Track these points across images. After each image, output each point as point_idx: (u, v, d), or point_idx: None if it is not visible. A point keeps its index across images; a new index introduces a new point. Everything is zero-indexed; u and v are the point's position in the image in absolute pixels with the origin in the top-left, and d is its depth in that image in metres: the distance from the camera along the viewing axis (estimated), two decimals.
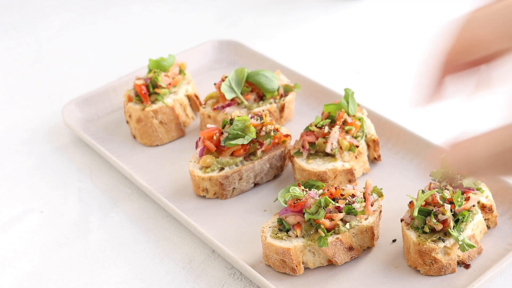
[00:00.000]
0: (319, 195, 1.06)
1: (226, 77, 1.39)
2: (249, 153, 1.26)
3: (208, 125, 1.29)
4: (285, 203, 1.12)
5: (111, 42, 1.89)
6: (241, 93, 1.39)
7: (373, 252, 1.12)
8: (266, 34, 1.86)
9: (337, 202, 1.05)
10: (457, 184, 1.09)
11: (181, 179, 1.31)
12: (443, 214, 1.05)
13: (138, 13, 2.04)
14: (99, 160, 1.40)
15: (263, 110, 1.37)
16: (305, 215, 1.03)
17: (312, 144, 1.24)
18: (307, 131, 1.26)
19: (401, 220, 1.09)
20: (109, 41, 1.90)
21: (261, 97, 1.41)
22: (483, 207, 1.11)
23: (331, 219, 1.03)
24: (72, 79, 1.72)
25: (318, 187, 1.21)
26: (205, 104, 1.43)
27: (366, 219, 1.06)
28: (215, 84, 1.41)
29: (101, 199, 1.30)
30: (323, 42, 1.82)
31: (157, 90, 1.40)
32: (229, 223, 1.20)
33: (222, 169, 1.24)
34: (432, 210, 1.06)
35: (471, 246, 1.04)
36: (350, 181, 1.23)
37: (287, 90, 1.43)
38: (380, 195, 1.11)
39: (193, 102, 1.47)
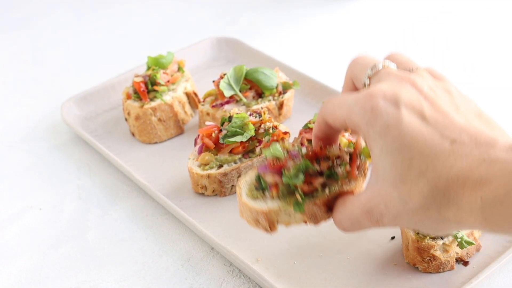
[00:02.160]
0: (302, 155, 0.96)
1: (224, 75, 1.39)
2: (248, 151, 1.26)
3: (207, 123, 1.29)
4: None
5: (110, 40, 1.89)
6: (240, 91, 1.39)
7: (371, 249, 1.12)
8: (265, 32, 1.86)
9: (320, 164, 0.95)
10: None
11: (180, 176, 1.31)
12: None
13: (136, 10, 2.04)
14: (98, 158, 1.40)
15: (261, 108, 1.37)
16: (283, 177, 0.94)
17: (310, 141, 1.24)
18: (306, 128, 1.26)
19: None
20: (107, 38, 1.90)
21: (259, 95, 1.41)
22: None
23: (310, 183, 0.94)
24: (70, 76, 1.72)
25: None
26: (203, 101, 1.43)
27: (348, 183, 0.95)
28: (213, 81, 1.41)
29: (100, 197, 1.30)
30: (322, 39, 1.82)
31: (155, 88, 1.40)
32: (228, 220, 1.20)
33: (220, 166, 1.25)
34: None
35: (469, 243, 1.04)
36: None
37: (286, 88, 1.43)
38: (369, 156, 1.00)
39: (192, 99, 1.47)
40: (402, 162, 0.79)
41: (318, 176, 0.94)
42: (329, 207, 0.95)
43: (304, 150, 0.97)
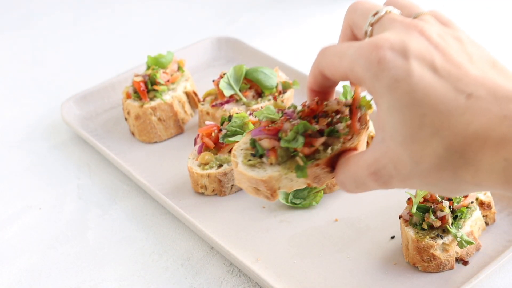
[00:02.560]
0: (298, 113, 0.87)
1: (224, 74, 1.39)
2: None
3: (207, 122, 1.29)
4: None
5: (109, 39, 1.89)
6: (240, 90, 1.39)
7: (371, 249, 1.12)
8: (264, 31, 1.86)
9: (318, 121, 0.86)
10: None
11: (180, 176, 1.31)
12: (442, 210, 1.05)
13: (136, 10, 2.04)
14: (97, 157, 1.40)
15: (261, 107, 1.37)
16: (281, 142, 0.85)
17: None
18: None
19: (400, 217, 1.10)
20: (107, 38, 1.90)
21: (259, 94, 1.41)
22: (481, 204, 1.12)
23: (311, 145, 0.85)
24: (70, 76, 1.72)
25: None
26: (203, 101, 1.43)
27: (350, 138, 0.87)
28: (213, 81, 1.41)
29: (100, 196, 1.30)
30: (322, 39, 1.82)
31: (155, 87, 1.40)
32: (227, 220, 1.20)
33: (220, 165, 1.25)
34: (431, 206, 1.06)
35: (469, 243, 1.04)
36: None
37: (285, 87, 1.43)
38: (369, 107, 0.93)
39: (192, 99, 1.47)
40: (413, 120, 0.72)
41: (318, 136, 0.86)
42: (333, 166, 0.87)
43: (299, 107, 0.88)
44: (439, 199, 1.06)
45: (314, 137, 0.85)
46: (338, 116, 0.87)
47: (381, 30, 0.79)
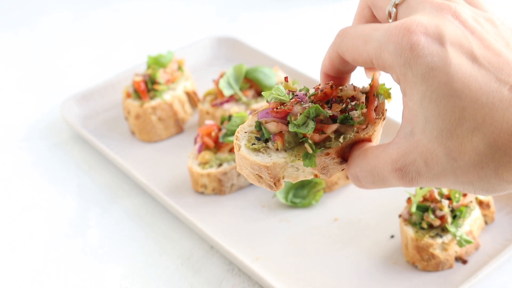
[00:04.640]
0: (310, 96, 0.81)
1: (224, 74, 1.39)
2: None
3: (207, 122, 1.29)
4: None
5: (110, 39, 1.89)
6: (240, 90, 1.39)
7: (371, 248, 1.12)
8: (264, 31, 1.86)
9: (331, 106, 0.80)
10: None
11: (180, 175, 1.31)
12: (441, 210, 1.05)
13: (136, 9, 2.04)
14: (97, 156, 1.40)
15: (261, 107, 1.37)
16: (290, 126, 0.79)
17: None
18: None
19: (399, 216, 1.10)
20: (107, 37, 1.90)
21: (259, 94, 1.41)
22: (480, 203, 1.12)
23: (322, 132, 0.79)
24: (70, 75, 1.72)
25: (316, 184, 1.21)
26: (203, 100, 1.43)
27: (364, 128, 0.81)
28: (213, 80, 1.41)
29: (100, 195, 1.30)
30: (321, 38, 1.82)
31: (155, 87, 1.40)
32: (227, 219, 1.21)
33: (220, 165, 1.25)
34: (430, 206, 1.06)
35: (468, 242, 1.04)
36: (347, 178, 1.24)
37: None
38: (388, 96, 0.87)
39: (192, 98, 1.47)
40: (451, 113, 0.66)
41: (330, 123, 0.79)
42: (343, 157, 0.80)
43: (312, 90, 0.82)
44: (439, 198, 1.06)
45: (326, 123, 0.79)
46: (353, 103, 0.81)
47: (409, 12, 0.72)
